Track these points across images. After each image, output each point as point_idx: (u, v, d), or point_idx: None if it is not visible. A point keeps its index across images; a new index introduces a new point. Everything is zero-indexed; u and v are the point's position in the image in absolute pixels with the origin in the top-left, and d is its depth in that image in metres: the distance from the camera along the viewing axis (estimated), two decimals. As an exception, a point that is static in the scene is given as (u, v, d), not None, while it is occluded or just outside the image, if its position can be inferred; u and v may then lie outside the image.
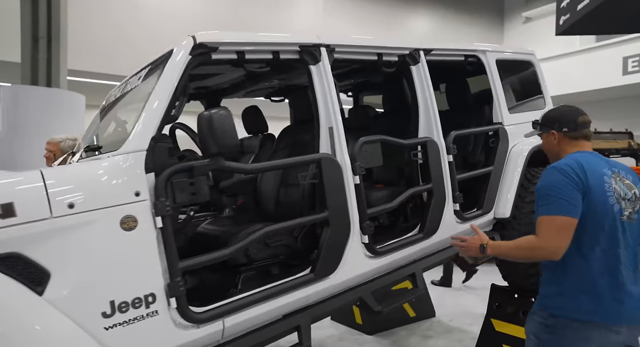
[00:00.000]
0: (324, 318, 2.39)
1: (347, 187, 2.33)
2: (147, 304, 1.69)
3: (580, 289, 1.72)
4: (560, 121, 1.91)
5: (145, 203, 1.71)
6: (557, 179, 1.72)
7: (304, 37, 2.35)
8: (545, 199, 1.72)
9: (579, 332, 1.70)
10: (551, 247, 1.69)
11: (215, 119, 1.73)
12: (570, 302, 1.73)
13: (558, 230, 1.68)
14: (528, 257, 1.81)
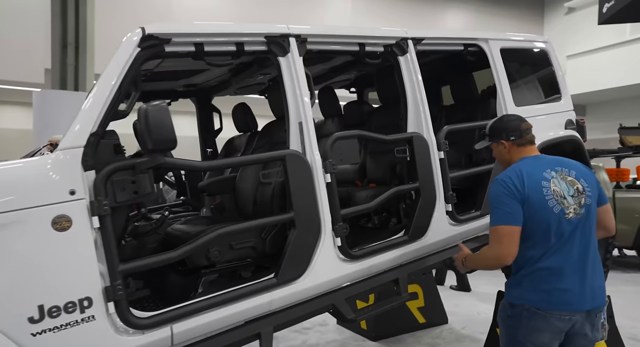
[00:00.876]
0: (289, 326, 2.25)
1: (317, 186, 2.18)
2: (82, 308, 1.61)
3: (535, 280, 1.86)
4: (506, 131, 2.04)
5: (82, 202, 1.63)
6: (498, 191, 1.89)
7: (270, 27, 2.22)
8: (491, 211, 1.90)
9: (533, 321, 1.83)
10: (499, 254, 1.85)
11: (150, 114, 1.63)
12: (526, 291, 1.87)
13: (502, 238, 1.84)
14: (487, 265, 2.01)
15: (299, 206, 2.11)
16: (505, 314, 1.94)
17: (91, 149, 1.68)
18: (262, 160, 2.10)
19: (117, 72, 1.78)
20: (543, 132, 3.16)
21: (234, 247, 2.15)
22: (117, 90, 1.77)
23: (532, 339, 1.83)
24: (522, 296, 1.87)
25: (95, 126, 1.71)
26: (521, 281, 1.89)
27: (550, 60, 3.59)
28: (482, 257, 1.98)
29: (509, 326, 1.91)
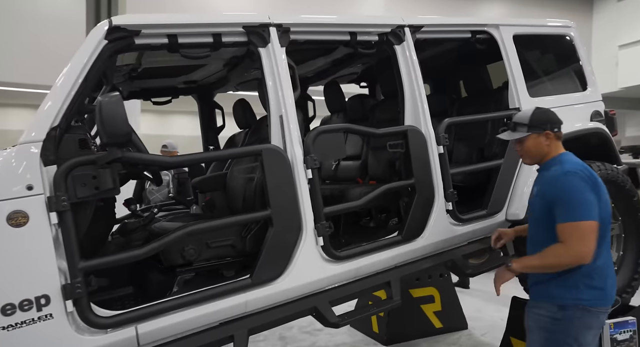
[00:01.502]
0: (267, 329, 2.16)
1: (298, 183, 2.07)
2: (38, 306, 1.59)
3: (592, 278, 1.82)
4: (551, 122, 1.97)
5: (40, 198, 1.61)
6: (580, 184, 1.79)
7: (249, 17, 2.13)
8: (571, 204, 1.78)
9: (585, 320, 1.80)
10: (582, 253, 1.75)
11: (103, 107, 1.58)
12: (582, 291, 1.82)
13: (585, 235, 1.75)
14: (556, 265, 1.82)
15: (276, 203, 2.01)
16: (550, 318, 1.84)
17: (52, 144, 1.66)
18: (237, 155, 2.02)
19: (81, 65, 1.75)
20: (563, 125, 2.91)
21: (211, 246, 2.08)
22: (81, 84, 1.73)
23: (581, 340, 1.80)
24: (578, 296, 1.81)
25: (57, 120, 1.68)
26: (577, 282, 1.82)
27: (575, 47, 3.30)
28: (546, 256, 1.82)
29: (556, 331, 1.82)
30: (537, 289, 1.93)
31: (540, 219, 1.91)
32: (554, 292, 1.85)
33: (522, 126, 1.98)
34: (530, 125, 1.96)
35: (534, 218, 1.98)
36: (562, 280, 1.83)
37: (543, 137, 1.95)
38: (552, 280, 1.86)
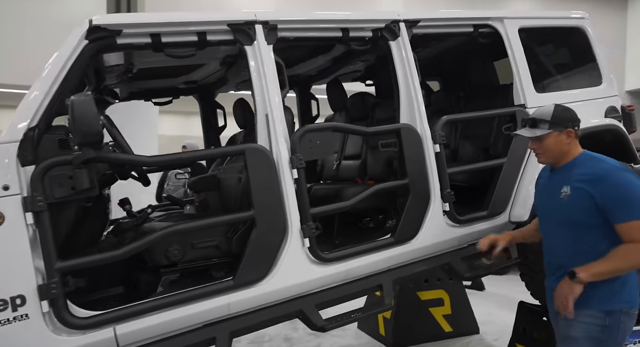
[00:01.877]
0: (252, 332, 2.12)
1: (283, 183, 2.03)
2: (14, 306, 1.60)
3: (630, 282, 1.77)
4: (573, 120, 1.88)
5: (16, 198, 1.62)
6: (634, 180, 1.71)
7: (234, 14, 2.10)
8: (632, 203, 1.68)
9: (627, 324, 1.75)
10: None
11: (74, 106, 1.57)
12: (624, 294, 1.75)
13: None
14: (632, 266, 1.72)
15: (260, 204, 1.97)
16: (600, 327, 1.73)
17: (30, 144, 1.67)
18: (218, 155, 1.99)
19: (60, 65, 1.75)
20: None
21: (195, 247, 2.07)
22: (60, 84, 1.74)
23: (621, 343, 1.77)
24: (624, 299, 1.75)
25: (35, 120, 1.69)
26: (622, 284, 1.75)
27: (588, 40, 3.13)
28: (629, 257, 1.68)
29: (606, 339, 1.73)
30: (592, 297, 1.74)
31: (577, 220, 1.76)
32: (601, 297, 1.74)
33: (544, 123, 1.86)
34: (552, 122, 1.84)
35: (565, 221, 1.81)
36: (609, 283, 1.73)
37: (564, 135, 1.84)
38: (597, 284, 1.72)
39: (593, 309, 1.74)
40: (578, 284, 1.70)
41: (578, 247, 1.77)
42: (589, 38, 3.12)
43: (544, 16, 3.01)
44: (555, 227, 1.85)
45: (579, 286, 1.70)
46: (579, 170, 1.80)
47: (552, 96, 2.87)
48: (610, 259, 1.70)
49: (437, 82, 4.08)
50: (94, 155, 1.64)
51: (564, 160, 1.87)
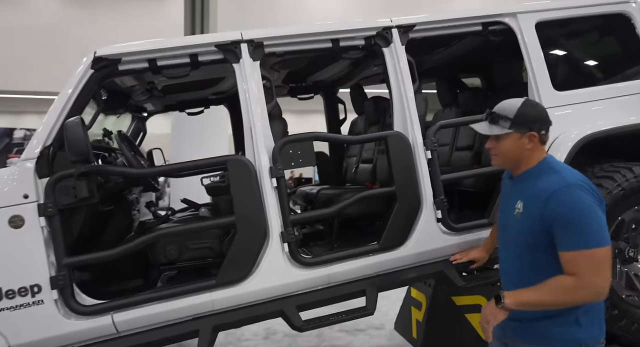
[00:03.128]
0: (234, 327, 2.30)
1: (263, 191, 2.17)
2: (32, 293, 1.96)
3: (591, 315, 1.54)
4: (541, 121, 1.60)
5: (33, 205, 1.98)
6: (590, 201, 1.46)
7: (221, 36, 2.28)
8: (579, 228, 1.44)
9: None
10: (599, 287, 1.44)
11: (66, 129, 1.87)
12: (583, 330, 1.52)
13: (604, 264, 1.44)
14: (567, 302, 1.48)
15: (241, 210, 2.14)
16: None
17: (45, 160, 2.01)
18: (204, 166, 2.19)
19: (69, 92, 2.08)
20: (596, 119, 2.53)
21: (189, 248, 2.30)
22: (71, 108, 2.06)
23: None
24: (582, 335, 1.52)
25: (50, 140, 2.03)
26: (580, 318, 1.52)
27: (634, 26, 2.79)
28: (560, 291, 1.46)
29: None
30: (527, 330, 1.57)
31: (529, 242, 1.55)
32: (553, 333, 1.52)
33: (505, 121, 1.58)
34: (514, 121, 1.57)
35: (517, 240, 1.60)
36: (562, 318, 1.51)
37: (526, 139, 1.57)
38: (548, 318, 1.53)
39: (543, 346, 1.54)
40: (501, 312, 1.48)
41: (533, 273, 1.54)
42: (635, 24, 2.78)
43: (571, 5, 2.72)
44: (511, 245, 1.64)
45: (502, 314, 1.48)
46: (533, 183, 1.57)
47: (577, 94, 2.64)
48: (541, 289, 1.48)
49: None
50: (85, 170, 1.94)
51: (522, 167, 1.62)
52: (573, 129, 2.50)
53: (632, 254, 2.49)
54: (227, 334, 4.35)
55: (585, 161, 2.54)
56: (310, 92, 3.80)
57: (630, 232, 2.51)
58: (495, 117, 1.61)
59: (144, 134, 3.35)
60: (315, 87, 3.76)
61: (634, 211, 2.47)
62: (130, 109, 3.10)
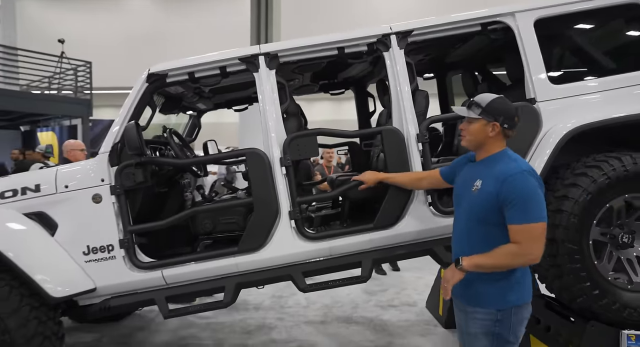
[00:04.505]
0: (252, 286, 2.83)
1: (276, 177, 2.67)
2: (108, 251, 2.67)
3: (526, 281, 1.91)
4: (505, 116, 1.91)
5: (107, 186, 2.68)
6: (534, 184, 1.81)
7: (243, 50, 2.79)
8: (523, 205, 1.78)
9: (520, 314, 1.90)
10: (534, 254, 1.80)
11: (125, 131, 2.52)
12: (514, 293, 1.89)
13: (540, 236, 1.80)
14: (509, 265, 1.86)
15: (257, 193, 2.67)
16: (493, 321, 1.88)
17: (115, 153, 2.69)
18: (229, 156, 2.73)
19: (131, 101, 2.74)
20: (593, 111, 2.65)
21: (220, 222, 2.89)
22: (133, 112, 2.72)
23: (518, 334, 1.91)
24: (514, 298, 1.87)
25: (118, 137, 2.71)
26: (513, 285, 1.87)
27: None
28: (497, 255, 1.81)
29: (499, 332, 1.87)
30: (472, 295, 1.93)
31: (480, 215, 1.88)
32: (493, 297, 1.88)
33: (477, 108, 1.92)
34: (484, 109, 1.90)
35: (470, 213, 1.93)
36: (500, 285, 1.86)
37: (490, 127, 1.90)
38: (488, 285, 1.88)
39: (486, 308, 1.89)
40: (459, 272, 1.84)
41: (481, 242, 1.87)
42: None
43: (574, 0, 2.82)
44: (464, 217, 1.96)
45: (459, 274, 1.84)
46: (493, 167, 1.89)
47: (574, 86, 2.76)
48: (491, 254, 1.82)
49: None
50: (140, 161, 2.59)
51: (483, 153, 1.96)
52: (566, 120, 2.65)
53: (627, 240, 2.61)
54: (273, 302, 5.00)
55: (586, 150, 2.68)
56: (341, 88, 4.19)
57: (625, 219, 2.62)
58: (471, 104, 1.95)
59: (198, 128, 4.02)
60: (345, 83, 4.14)
61: (624, 199, 2.58)
62: (183, 109, 3.77)
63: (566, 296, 2.60)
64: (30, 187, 2.70)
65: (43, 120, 12.44)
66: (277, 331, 4.16)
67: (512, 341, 1.90)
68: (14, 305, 2.39)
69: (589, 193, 2.50)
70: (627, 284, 2.57)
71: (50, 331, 2.52)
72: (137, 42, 19.30)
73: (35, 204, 2.70)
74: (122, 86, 18.42)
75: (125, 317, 4.52)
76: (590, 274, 2.50)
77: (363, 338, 3.98)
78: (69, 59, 11.63)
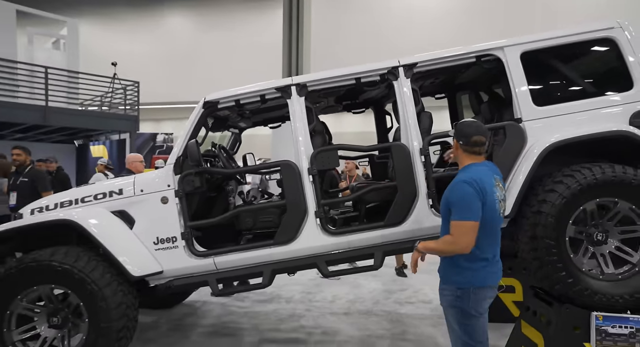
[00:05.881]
0: (285, 272, 3.46)
1: (304, 183, 3.32)
2: (172, 241, 3.38)
3: (479, 266, 2.41)
4: (459, 134, 2.49)
5: (172, 190, 3.40)
6: (468, 191, 2.34)
7: (278, 82, 3.49)
8: (459, 207, 2.34)
9: (479, 294, 2.39)
10: (462, 245, 2.35)
11: (187, 147, 3.24)
12: (466, 276, 2.41)
13: (468, 231, 2.33)
14: (445, 251, 2.42)
15: (288, 197, 3.33)
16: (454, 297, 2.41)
17: (178, 164, 3.42)
18: (269, 166, 3.40)
19: (191, 123, 3.46)
20: (569, 129, 3.16)
21: (259, 220, 3.56)
22: (192, 132, 3.44)
23: (479, 309, 2.41)
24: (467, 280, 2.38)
25: (180, 152, 3.43)
26: (464, 269, 2.39)
27: (619, 47, 3.32)
28: (439, 243, 2.42)
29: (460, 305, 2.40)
30: (443, 276, 2.50)
31: (443, 214, 2.49)
32: (453, 278, 2.43)
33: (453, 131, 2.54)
34: (455, 132, 2.52)
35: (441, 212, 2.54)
36: (457, 269, 2.42)
37: (455, 145, 2.51)
38: (451, 269, 2.44)
39: (448, 285, 2.45)
40: (416, 252, 2.52)
41: (443, 233, 2.46)
42: (619, 46, 3.30)
43: (552, 36, 3.32)
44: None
45: (416, 253, 2.53)
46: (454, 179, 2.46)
47: (554, 108, 3.27)
48: (437, 241, 2.45)
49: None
50: (197, 170, 3.30)
51: (459, 165, 2.53)
52: (547, 137, 3.17)
53: (601, 238, 3.09)
54: (302, 296, 5.62)
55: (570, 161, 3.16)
56: (362, 107, 4.83)
57: (599, 219, 3.10)
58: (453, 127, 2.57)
59: (239, 143, 4.75)
60: (365, 103, 4.78)
61: (595, 202, 3.06)
62: (228, 128, 4.51)
63: (547, 283, 3.09)
64: (115, 191, 3.47)
65: (95, 135, 13.68)
66: (305, 319, 4.78)
67: (474, 315, 2.40)
68: (108, 279, 3.12)
69: (564, 197, 3.00)
70: (599, 274, 3.04)
71: (130, 301, 3.23)
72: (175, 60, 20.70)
73: (118, 204, 3.46)
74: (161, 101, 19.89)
75: (175, 306, 5.26)
76: (566, 265, 2.99)
77: (380, 327, 4.53)
78: (120, 79, 12.82)
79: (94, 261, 3.18)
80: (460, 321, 2.44)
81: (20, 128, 11.09)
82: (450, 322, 2.51)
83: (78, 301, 3.13)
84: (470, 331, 2.44)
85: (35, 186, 5.25)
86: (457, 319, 2.46)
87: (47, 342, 3.22)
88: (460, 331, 2.46)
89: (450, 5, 16.86)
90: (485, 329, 2.48)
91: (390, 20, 17.08)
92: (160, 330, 4.54)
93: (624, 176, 2.98)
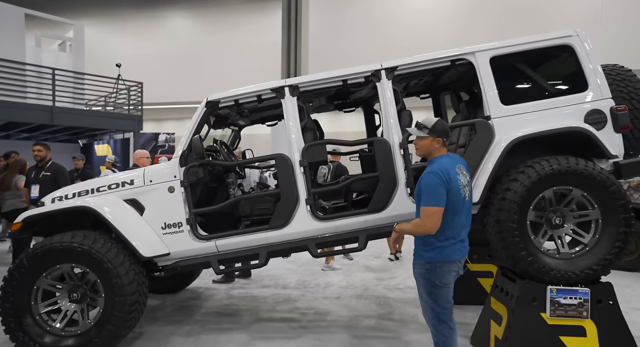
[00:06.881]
0: (280, 255, 3.86)
1: (296, 175, 3.72)
2: (178, 226, 3.78)
3: (445, 244, 2.80)
4: (444, 133, 2.88)
5: (178, 181, 3.80)
6: (434, 181, 2.72)
7: (273, 83, 3.89)
8: (426, 194, 2.73)
9: (444, 268, 2.80)
10: (430, 228, 2.73)
11: (191, 142, 3.64)
12: (432, 252, 2.81)
13: (433, 215, 2.71)
14: (415, 232, 2.81)
15: (282, 187, 3.73)
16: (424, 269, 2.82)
17: (183, 157, 3.82)
18: (265, 159, 3.80)
19: (194, 120, 3.87)
20: (532, 125, 3.56)
21: (256, 208, 3.96)
22: (195, 129, 3.85)
23: (444, 280, 2.80)
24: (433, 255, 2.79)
25: (185, 146, 3.84)
26: (430, 246, 2.80)
27: (576, 54, 3.71)
28: (414, 225, 2.78)
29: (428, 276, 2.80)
30: (415, 252, 2.90)
31: (417, 201, 2.85)
32: (423, 254, 2.84)
33: (425, 129, 2.83)
34: (431, 130, 2.82)
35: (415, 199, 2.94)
36: (427, 247, 2.82)
37: (435, 142, 2.84)
38: (422, 246, 2.85)
39: (420, 259, 2.85)
40: (394, 232, 2.91)
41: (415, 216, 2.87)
42: (576, 52, 3.70)
43: (517, 43, 3.72)
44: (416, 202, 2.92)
45: (394, 234, 2.92)
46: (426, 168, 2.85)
47: (519, 107, 3.67)
48: (410, 223, 2.84)
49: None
50: (200, 162, 3.70)
51: (429, 157, 2.90)
52: (511, 133, 3.57)
53: (559, 222, 3.49)
54: (298, 283, 6.02)
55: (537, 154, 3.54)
56: (352, 107, 5.23)
57: (556, 205, 3.49)
58: (421, 126, 2.88)
59: (239, 140, 5.15)
60: (355, 103, 5.18)
61: (553, 190, 3.45)
62: (228, 125, 4.92)
63: (510, 262, 3.49)
64: (127, 181, 3.88)
65: (99, 135, 14.10)
66: (300, 302, 5.18)
67: (440, 285, 2.79)
68: (121, 259, 3.52)
69: (524, 186, 3.40)
70: (555, 253, 3.44)
71: (140, 279, 3.64)
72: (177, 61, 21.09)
73: (130, 193, 3.87)
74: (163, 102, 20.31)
75: (180, 291, 5.67)
76: (526, 245, 3.39)
77: (368, 309, 4.93)
78: (124, 80, 13.23)
79: (109, 243, 3.59)
80: (429, 290, 2.85)
81: (26, 128, 11.51)
82: (421, 291, 2.93)
83: (95, 278, 3.54)
84: (436, 298, 2.85)
85: (56, 178, 5.72)
86: (426, 289, 2.86)
87: (67, 316, 3.63)
88: (429, 298, 2.87)
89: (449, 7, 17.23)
90: (449, 298, 2.89)
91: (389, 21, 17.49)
92: (166, 311, 4.95)
93: (577, 167, 3.37)
